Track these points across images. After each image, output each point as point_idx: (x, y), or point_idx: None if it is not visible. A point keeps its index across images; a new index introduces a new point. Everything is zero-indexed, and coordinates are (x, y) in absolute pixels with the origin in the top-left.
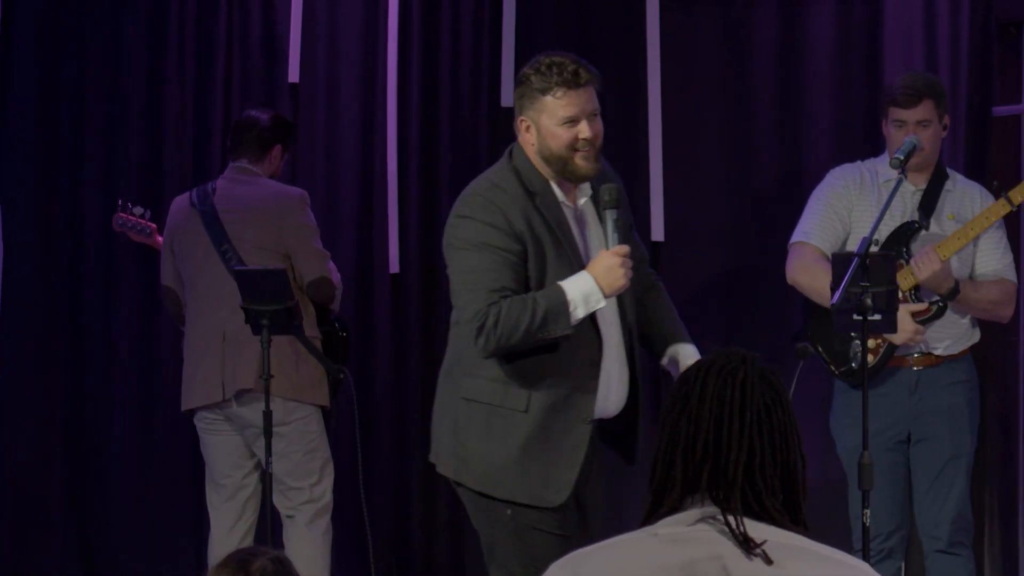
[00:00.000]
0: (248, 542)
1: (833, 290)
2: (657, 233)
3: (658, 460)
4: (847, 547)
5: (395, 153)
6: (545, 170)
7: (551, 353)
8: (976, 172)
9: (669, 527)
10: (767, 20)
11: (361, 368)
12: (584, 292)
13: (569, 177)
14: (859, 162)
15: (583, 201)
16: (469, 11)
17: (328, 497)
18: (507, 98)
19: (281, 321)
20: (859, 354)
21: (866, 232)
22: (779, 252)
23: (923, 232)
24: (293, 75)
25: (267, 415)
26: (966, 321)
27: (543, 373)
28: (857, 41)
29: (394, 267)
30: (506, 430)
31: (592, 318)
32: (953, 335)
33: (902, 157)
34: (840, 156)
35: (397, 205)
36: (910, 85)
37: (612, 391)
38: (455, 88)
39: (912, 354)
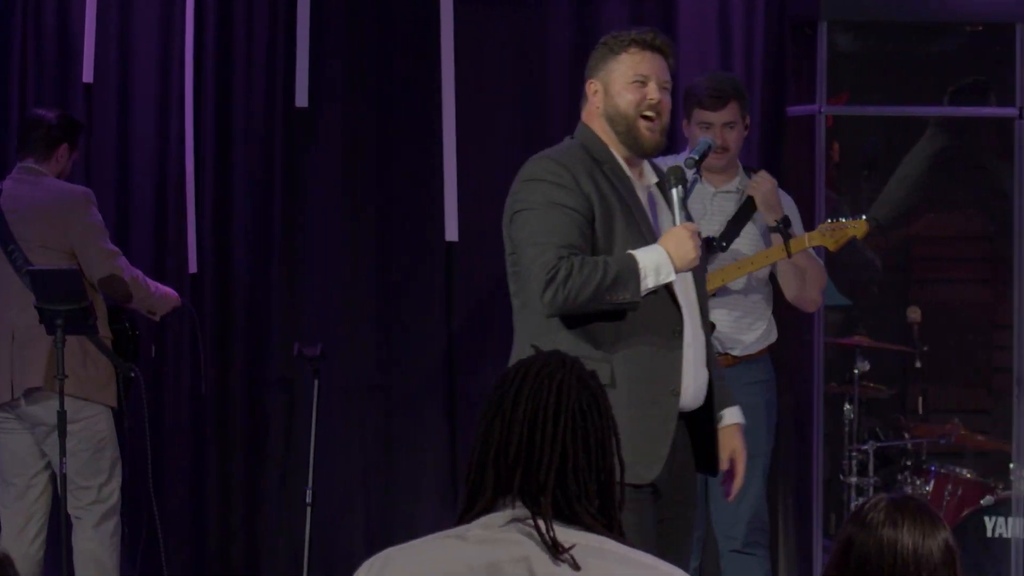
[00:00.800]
0: (40, 543)
1: None
2: (451, 233)
3: (472, 461)
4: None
5: (191, 153)
6: (612, 142)
7: (630, 323)
8: (771, 172)
9: (479, 528)
10: (561, 19)
11: (156, 368)
12: (656, 262)
13: (632, 146)
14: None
15: (652, 183)
16: (264, 12)
17: (116, 497)
18: (301, 98)
19: (76, 321)
20: None
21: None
22: None
23: (720, 253)
24: (87, 75)
25: (61, 415)
26: (764, 322)
27: (623, 345)
28: None
29: (193, 267)
30: None
31: (670, 292)
32: (751, 336)
33: (697, 157)
34: None
35: (194, 205)
36: (716, 87)
37: (693, 374)
38: (250, 88)
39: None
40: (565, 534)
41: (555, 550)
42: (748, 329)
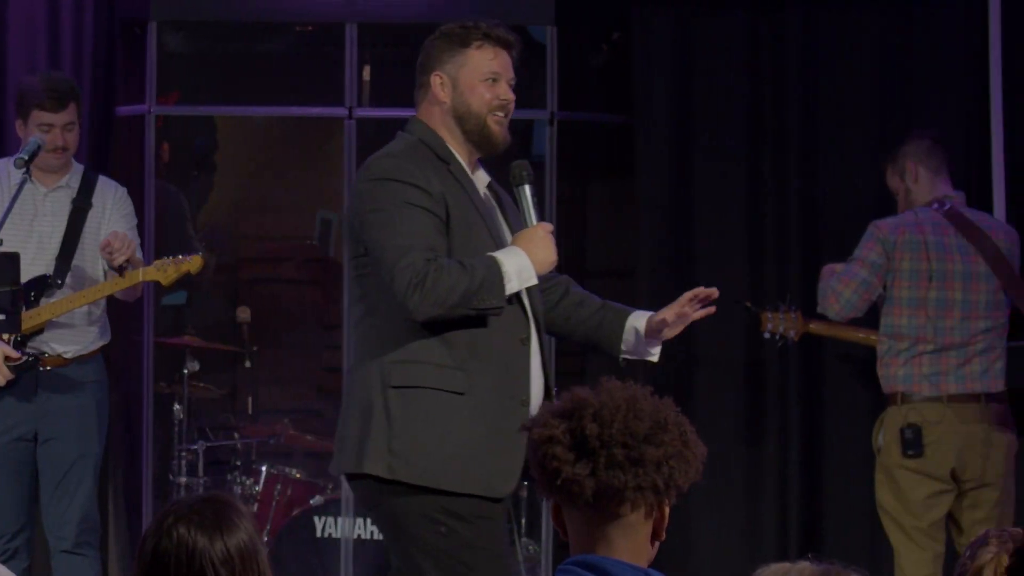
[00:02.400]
0: None
1: None
2: None
3: None
4: None
5: None
6: (454, 140)
7: (483, 330)
8: (101, 172)
9: None
10: None
11: None
12: (519, 266)
13: (480, 143)
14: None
15: (484, 186)
16: None
17: None
18: None
19: None
20: None
21: None
22: None
23: (57, 290)
24: None
25: None
26: (95, 328)
27: (476, 352)
28: None
29: None
30: (447, 415)
31: (518, 294)
32: (82, 340)
33: (26, 157)
34: None
35: None
36: (56, 88)
37: (534, 380)
38: None
39: (43, 354)
40: None
41: None
42: (82, 332)
